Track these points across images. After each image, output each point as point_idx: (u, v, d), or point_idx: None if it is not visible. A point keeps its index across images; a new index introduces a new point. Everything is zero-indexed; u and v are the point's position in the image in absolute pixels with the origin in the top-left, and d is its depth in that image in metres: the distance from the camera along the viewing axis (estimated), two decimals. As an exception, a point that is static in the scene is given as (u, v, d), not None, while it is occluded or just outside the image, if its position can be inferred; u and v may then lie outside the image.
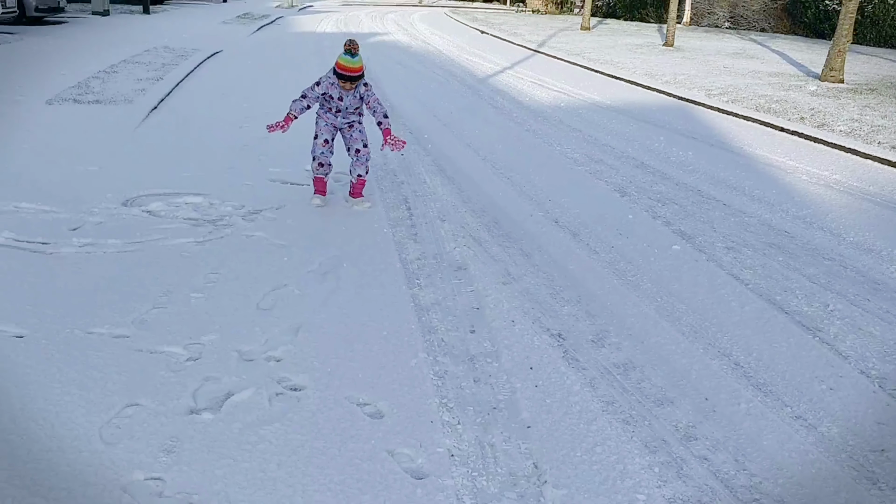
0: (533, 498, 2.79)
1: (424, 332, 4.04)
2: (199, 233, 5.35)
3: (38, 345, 3.71)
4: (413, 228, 5.65)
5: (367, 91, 5.77)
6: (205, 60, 14.44)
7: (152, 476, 2.82)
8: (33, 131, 8.01)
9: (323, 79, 5.76)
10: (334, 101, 5.77)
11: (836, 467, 3.03)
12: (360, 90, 5.74)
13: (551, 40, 22.22)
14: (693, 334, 4.13)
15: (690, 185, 7.14)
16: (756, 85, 13.81)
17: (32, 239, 5.08)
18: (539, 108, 11.17)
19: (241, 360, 3.67)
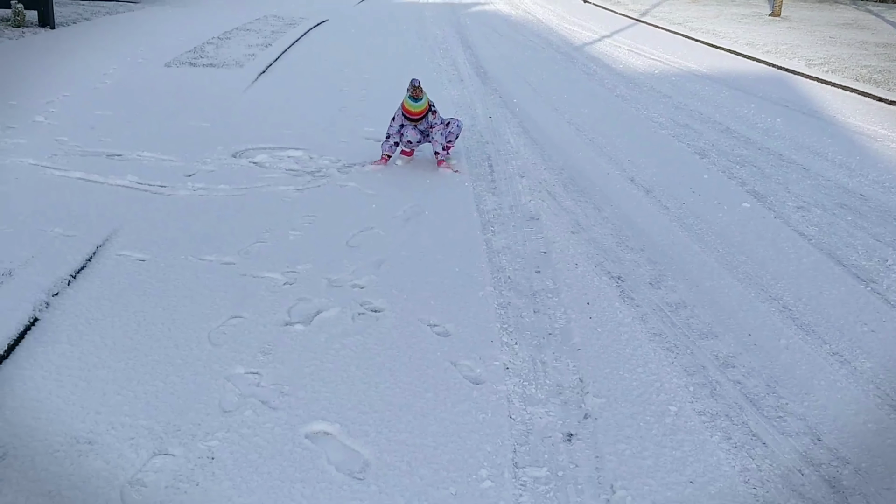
0: (574, 404, 3.17)
1: (493, 270, 4.44)
2: (299, 182, 5.87)
3: (158, 267, 4.30)
4: (493, 183, 6.02)
5: (434, 118, 6.18)
6: (311, 29, 15.08)
7: (251, 371, 3.33)
8: (154, 90, 8.75)
9: (396, 114, 6.22)
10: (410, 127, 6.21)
11: (861, 394, 3.28)
12: (429, 118, 6.15)
13: (655, 9, 21.97)
14: (748, 281, 4.38)
15: (773, 149, 7.24)
16: (861, 55, 13.46)
17: (153, 182, 5.71)
18: (632, 74, 11.30)
19: (330, 286, 4.16)
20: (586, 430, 3.01)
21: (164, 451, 2.79)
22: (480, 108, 8.56)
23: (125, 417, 2.96)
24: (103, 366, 3.29)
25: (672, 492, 2.69)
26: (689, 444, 2.94)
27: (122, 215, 5.01)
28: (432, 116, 6.20)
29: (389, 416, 3.05)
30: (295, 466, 2.74)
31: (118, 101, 8.15)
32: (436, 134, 6.21)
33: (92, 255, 4.39)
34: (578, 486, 2.70)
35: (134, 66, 10.07)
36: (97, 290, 3.98)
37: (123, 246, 4.54)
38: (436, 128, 6.22)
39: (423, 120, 6.17)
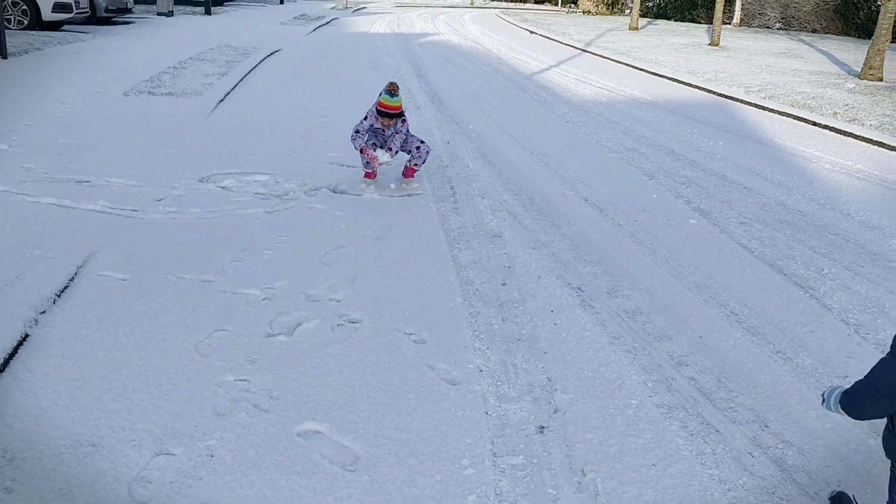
0: (545, 401, 3.44)
1: (462, 283, 4.71)
2: (268, 204, 6.07)
3: (140, 285, 4.46)
4: (455, 204, 6.31)
5: (402, 126, 6.43)
6: (265, 58, 15.29)
7: (240, 378, 3.53)
8: (115, 119, 8.86)
9: (369, 113, 6.42)
10: (378, 132, 6.44)
11: (803, 386, 3.62)
12: (398, 125, 6.39)
13: (599, 40, 22.71)
14: (697, 289, 4.73)
15: (716, 170, 7.68)
16: (795, 83, 14.18)
17: (125, 206, 5.85)
18: (580, 102, 11.76)
19: (307, 300, 4.37)
20: (557, 423, 3.27)
21: (166, 450, 2.98)
22: (438, 134, 8.87)
23: (124, 422, 3.14)
24: (97, 376, 3.46)
25: (636, 474, 2.97)
26: (650, 432, 3.23)
27: (99, 238, 5.16)
28: (402, 124, 6.42)
29: (375, 414, 3.28)
30: (291, 461, 2.95)
31: (80, 129, 8.25)
32: (403, 141, 6.43)
33: (74, 276, 4.53)
34: (552, 471, 2.96)
35: (92, 96, 10.16)
36: (82, 307, 4.14)
37: (103, 267, 4.69)
38: (402, 134, 6.43)
39: (393, 123, 6.35)
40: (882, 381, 2.10)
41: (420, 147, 6.53)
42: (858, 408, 2.22)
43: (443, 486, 2.85)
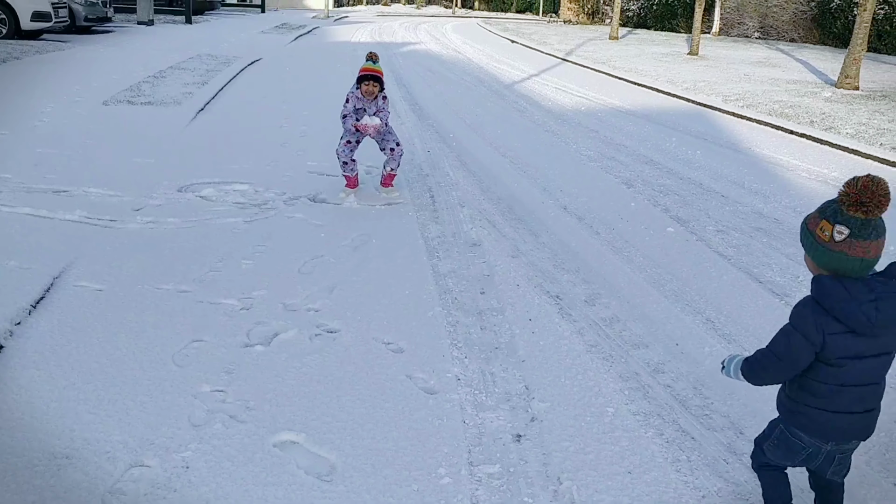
0: (522, 409, 3.45)
1: (441, 292, 4.71)
2: (247, 214, 6.06)
3: (116, 296, 4.44)
4: (435, 213, 6.32)
5: (384, 103, 6.40)
6: (246, 67, 15.29)
7: (217, 389, 3.51)
8: (94, 128, 8.83)
9: (349, 95, 6.35)
10: (361, 112, 6.38)
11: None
12: (379, 102, 6.36)
13: (579, 49, 22.85)
14: (674, 297, 4.76)
15: (693, 179, 7.75)
16: (773, 91, 14.33)
17: (102, 216, 5.82)
18: (560, 111, 11.83)
19: (285, 310, 4.37)
20: (533, 431, 3.28)
21: (140, 462, 2.96)
22: (419, 143, 8.90)
23: (99, 434, 3.11)
24: (73, 388, 3.44)
25: (612, 481, 2.98)
26: (626, 439, 3.25)
27: (76, 248, 5.13)
28: (383, 101, 6.36)
29: (352, 424, 3.27)
30: (266, 472, 2.94)
31: (58, 139, 8.20)
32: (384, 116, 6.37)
33: (50, 287, 4.50)
34: (528, 479, 2.97)
35: (71, 105, 10.11)
36: (58, 318, 4.11)
37: (80, 277, 4.66)
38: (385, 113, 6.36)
39: (376, 99, 6.28)
40: (782, 349, 2.29)
41: (395, 150, 6.51)
42: (760, 374, 2.41)
43: (419, 495, 2.85)
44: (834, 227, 2.16)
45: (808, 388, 2.33)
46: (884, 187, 2.11)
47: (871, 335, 2.19)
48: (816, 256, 2.24)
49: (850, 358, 2.23)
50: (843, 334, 2.19)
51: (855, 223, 2.13)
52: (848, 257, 2.16)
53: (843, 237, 2.14)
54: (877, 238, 2.15)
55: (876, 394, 2.35)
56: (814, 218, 2.25)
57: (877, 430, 3.33)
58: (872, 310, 2.13)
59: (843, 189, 2.16)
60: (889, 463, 3.16)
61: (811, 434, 2.39)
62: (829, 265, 2.21)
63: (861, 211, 2.12)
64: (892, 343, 2.27)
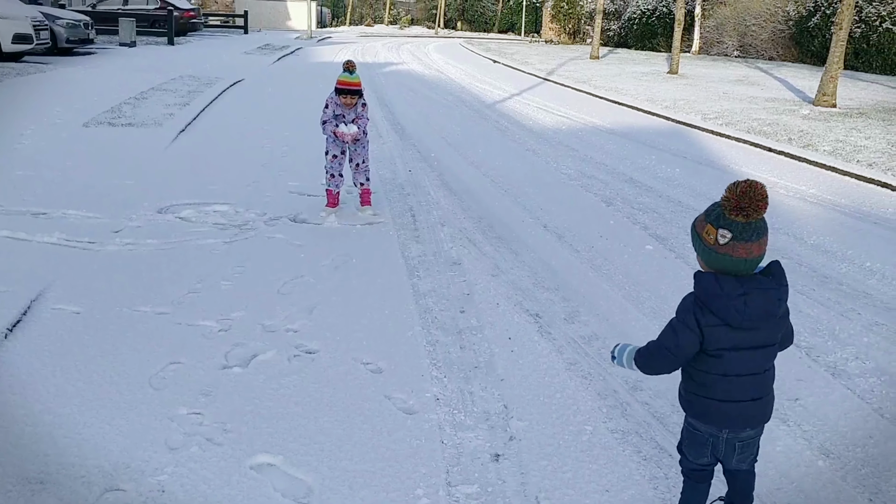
0: (500, 428, 3.45)
1: (421, 311, 4.72)
2: (226, 235, 6.05)
3: (94, 318, 4.41)
4: (416, 232, 6.33)
5: (362, 110, 6.45)
6: (228, 88, 15.30)
7: (194, 411, 3.49)
8: (74, 150, 8.80)
9: (329, 100, 6.42)
10: (340, 118, 6.44)
11: (754, 409, 3.66)
12: (358, 109, 6.41)
13: (560, 69, 23.03)
14: (652, 314, 4.78)
15: (672, 197, 7.80)
16: (751, 109, 14.48)
17: (81, 239, 5.80)
18: (541, 130, 11.90)
19: (264, 331, 4.35)
20: (512, 451, 3.28)
21: (116, 486, 2.93)
22: (400, 163, 8.92)
23: (74, 458, 3.09)
24: (49, 412, 3.41)
25: (590, 500, 2.98)
26: (604, 458, 3.25)
27: (53, 271, 5.10)
28: (362, 108, 6.42)
29: (329, 446, 3.26)
30: (243, 494, 2.93)
31: (38, 161, 8.18)
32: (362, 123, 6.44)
33: (27, 309, 4.47)
34: (507, 499, 2.97)
35: (51, 127, 10.08)
36: (35, 342, 4.08)
37: (57, 300, 4.63)
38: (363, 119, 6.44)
39: (355, 106, 6.35)
40: (669, 341, 2.41)
41: (360, 165, 6.61)
42: (652, 364, 2.54)
43: (397, 516, 2.84)
44: (718, 232, 2.25)
45: (696, 379, 2.47)
46: (761, 192, 2.21)
47: (745, 328, 2.31)
48: (705, 257, 2.33)
49: (729, 349, 2.35)
50: (718, 327, 2.31)
51: (736, 227, 2.22)
52: (733, 259, 2.25)
53: (727, 240, 2.24)
54: (758, 238, 2.24)
55: (762, 383, 2.45)
56: (700, 221, 2.35)
57: (852, 445, 3.37)
58: (741, 304, 2.26)
59: (725, 194, 2.24)
60: (864, 478, 3.17)
61: (706, 422, 2.50)
62: (716, 265, 2.30)
63: (742, 215, 2.21)
64: (770, 336, 2.39)
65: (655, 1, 36.31)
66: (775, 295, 2.30)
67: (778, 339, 2.44)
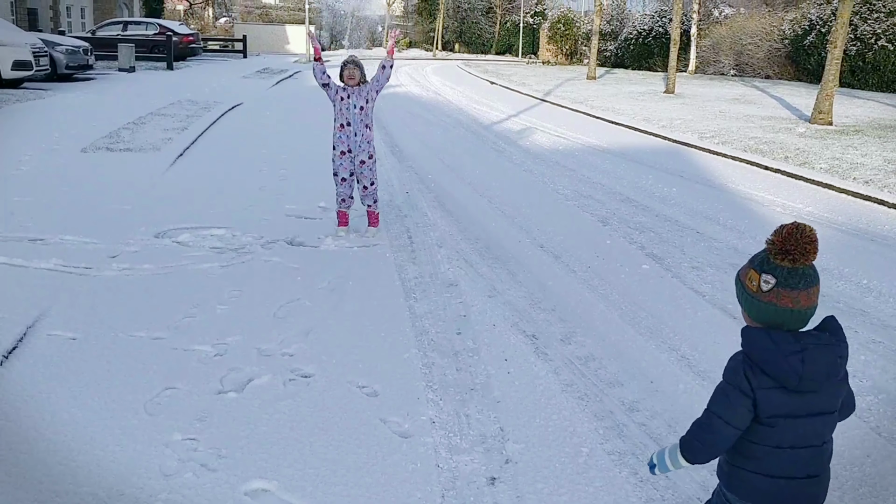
0: (496, 451, 3.44)
1: (417, 333, 4.71)
2: (223, 259, 6.05)
3: (89, 344, 4.41)
4: (413, 254, 6.34)
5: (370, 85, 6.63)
6: (226, 112, 15.37)
7: (189, 437, 3.48)
8: (72, 176, 8.82)
9: (331, 83, 6.64)
10: (345, 102, 6.54)
11: (751, 429, 3.65)
12: (366, 90, 6.56)
13: (557, 89, 23.14)
14: (649, 334, 4.78)
15: (669, 216, 7.82)
16: (748, 128, 14.54)
17: (77, 264, 5.80)
18: (538, 150, 11.94)
19: (260, 355, 4.35)
20: (508, 474, 3.27)
21: (109, 514, 2.92)
22: (397, 184, 8.95)
23: (69, 485, 3.07)
24: (43, 439, 3.39)
25: (587, 523, 2.96)
26: (601, 480, 3.24)
27: (50, 297, 5.10)
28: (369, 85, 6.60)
29: (324, 471, 3.25)
30: (237, 521, 2.91)
31: (36, 187, 8.20)
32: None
33: (23, 336, 4.47)
34: (502, 522, 2.95)
35: (49, 153, 10.12)
36: (31, 368, 4.07)
37: (53, 326, 4.63)
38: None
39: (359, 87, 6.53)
40: (722, 408, 2.14)
41: (367, 188, 6.70)
42: (704, 446, 2.20)
43: (391, 541, 2.82)
44: (761, 277, 2.09)
45: (743, 451, 2.17)
46: (809, 235, 2.05)
47: (802, 391, 2.05)
48: (748, 307, 2.15)
49: (783, 416, 2.08)
50: (772, 389, 2.06)
51: (781, 272, 2.06)
52: (778, 308, 2.06)
53: (770, 286, 2.06)
54: (806, 287, 2.06)
55: (819, 458, 2.16)
56: (744, 268, 2.18)
57: (849, 464, 3.35)
58: (798, 361, 2.02)
59: (770, 237, 2.10)
60: (862, 498, 3.16)
61: (750, 500, 2.19)
62: (760, 316, 2.11)
63: (787, 259, 2.05)
64: (830, 401, 2.12)
65: (651, 21, 36.61)
66: (836, 352, 2.06)
67: (838, 406, 2.14)
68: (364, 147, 6.59)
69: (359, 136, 6.54)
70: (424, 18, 59.40)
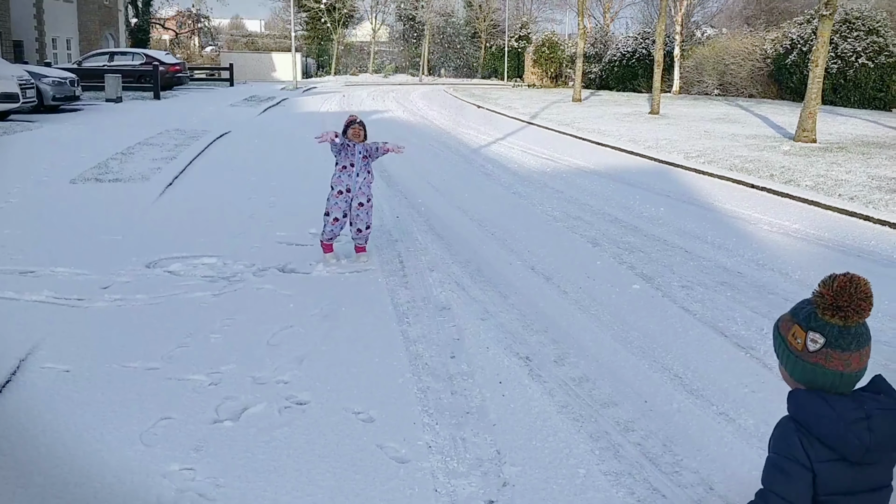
0: (493, 474, 3.45)
1: (411, 358, 4.73)
2: (215, 287, 6.06)
3: (83, 376, 4.40)
4: (405, 278, 6.36)
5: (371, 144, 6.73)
6: (214, 141, 15.40)
7: (186, 467, 3.47)
8: (61, 207, 8.82)
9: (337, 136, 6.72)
10: (349, 149, 6.64)
11: (746, 447, 3.68)
12: (369, 144, 6.67)
13: (543, 112, 23.32)
14: (641, 354, 4.81)
15: (658, 236, 7.88)
16: (733, 147, 14.68)
17: (69, 296, 5.79)
18: (526, 173, 12.03)
19: (254, 383, 4.35)
20: (505, 497, 3.28)
21: (107, 547, 2.91)
22: (387, 209, 8.99)
23: (65, 519, 3.06)
24: (39, 472, 3.38)
25: (586, 544, 2.97)
26: (598, 500, 3.25)
27: (42, 329, 5.09)
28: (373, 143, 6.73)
29: (322, 498, 3.25)
30: (236, 550, 2.90)
31: (25, 219, 8.19)
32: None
33: (16, 370, 4.45)
34: (502, 545, 2.96)
35: (38, 185, 10.12)
36: (25, 402, 4.06)
37: (46, 359, 4.62)
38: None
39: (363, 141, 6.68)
40: (782, 486, 1.86)
41: (361, 231, 6.72)
42: None
43: (391, 567, 2.82)
44: (807, 335, 1.82)
45: None
46: (864, 288, 1.80)
47: (864, 462, 1.79)
48: (790, 367, 1.89)
49: (842, 494, 1.81)
50: (832, 462, 1.79)
51: (831, 331, 1.80)
52: (825, 370, 1.80)
53: (819, 347, 1.80)
54: (858, 349, 1.81)
55: None
56: (786, 321, 1.92)
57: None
58: (864, 430, 1.76)
59: (818, 290, 1.84)
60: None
61: None
62: (804, 378, 1.86)
63: (838, 316, 1.79)
64: (886, 474, 1.87)
65: (635, 43, 36.99)
66: None
67: (891, 478, 1.88)
68: (364, 190, 6.64)
69: (360, 177, 6.61)
70: (410, 44, 59.81)
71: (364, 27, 61.77)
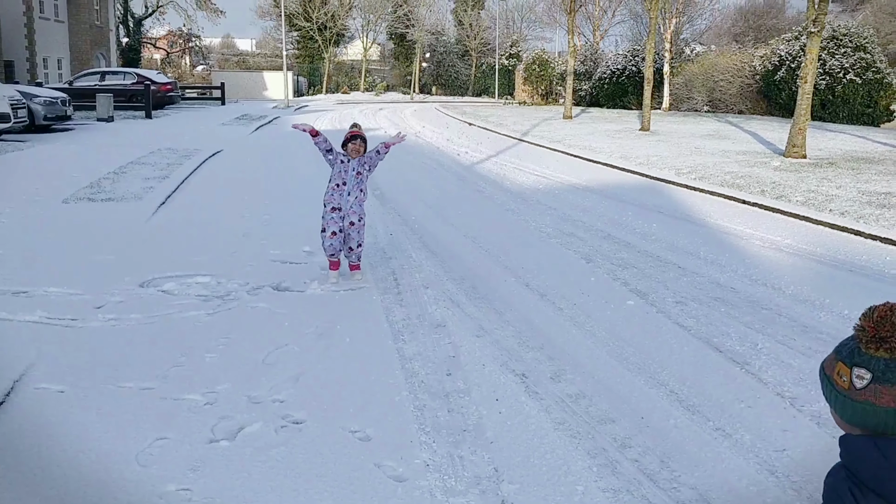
0: (492, 492, 3.44)
1: (407, 375, 4.72)
2: (209, 306, 6.05)
3: (78, 397, 4.38)
4: (399, 295, 6.36)
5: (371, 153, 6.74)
6: (207, 159, 15.40)
7: (182, 487, 3.45)
8: (54, 227, 8.80)
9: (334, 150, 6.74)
10: (344, 166, 6.65)
11: (743, 462, 3.68)
12: (366, 159, 6.71)
13: (535, 129, 23.42)
14: (637, 370, 4.81)
15: (651, 251, 7.91)
16: (724, 163, 14.77)
17: (63, 316, 5.77)
18: (519, 190, 12.06)
19: (250, 402, 4.33)
20: (504, 514, 3.27)
21: (104, 569, 2.89)
22: (381, 227, 9.00)
23: (61, 541, 3.04)
24: (35, 494, 3.36)
25: (585, 561, 2.97)
26: (597, 517, 3.25)
27: (36, 350, 5.06)
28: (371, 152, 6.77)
29: (320, 517, 3.23)
30: (234, 571, 2.89)
31: (17, 239, 8.16)
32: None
33: (10, 391, 4.43)
34: (501, 564, 2.95)
35: (30, 204, 10.08)
36: (19, 424, 4.04)
37: (40, 379, 4.59)
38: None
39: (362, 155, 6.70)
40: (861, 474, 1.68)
41: (353, 249, 6.71)
42: None
43: (391, 587, 2.81)
44: (852, 371, 1.69)
45: None
46: None
47: None
48: (839, 409, 1.74)
49: None
50: None
51: (877, 365, 1.66)
52: (876, 408, 1.65)
53: (865, 383, 1.66)
54: None
55: None
56: (830, 360, 1.79)
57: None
58: None
59: (858, 323, 1.73)
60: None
61: None
62: (856, 419, 1.70)
63: (883, 349, 1.66)
64: None
65: (625, 60, 37.24)
66: None
67: None
68: (355, 209, 6.65)
69: (352, 197, 6.62)
70: (401, 62, 60.06)
71: (355, 46, 62.01)
